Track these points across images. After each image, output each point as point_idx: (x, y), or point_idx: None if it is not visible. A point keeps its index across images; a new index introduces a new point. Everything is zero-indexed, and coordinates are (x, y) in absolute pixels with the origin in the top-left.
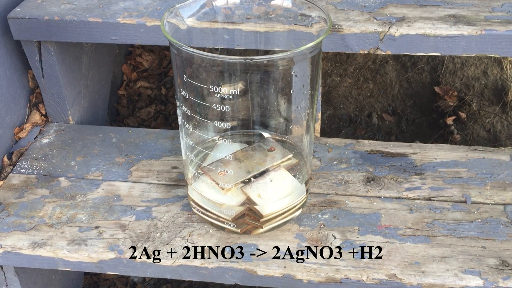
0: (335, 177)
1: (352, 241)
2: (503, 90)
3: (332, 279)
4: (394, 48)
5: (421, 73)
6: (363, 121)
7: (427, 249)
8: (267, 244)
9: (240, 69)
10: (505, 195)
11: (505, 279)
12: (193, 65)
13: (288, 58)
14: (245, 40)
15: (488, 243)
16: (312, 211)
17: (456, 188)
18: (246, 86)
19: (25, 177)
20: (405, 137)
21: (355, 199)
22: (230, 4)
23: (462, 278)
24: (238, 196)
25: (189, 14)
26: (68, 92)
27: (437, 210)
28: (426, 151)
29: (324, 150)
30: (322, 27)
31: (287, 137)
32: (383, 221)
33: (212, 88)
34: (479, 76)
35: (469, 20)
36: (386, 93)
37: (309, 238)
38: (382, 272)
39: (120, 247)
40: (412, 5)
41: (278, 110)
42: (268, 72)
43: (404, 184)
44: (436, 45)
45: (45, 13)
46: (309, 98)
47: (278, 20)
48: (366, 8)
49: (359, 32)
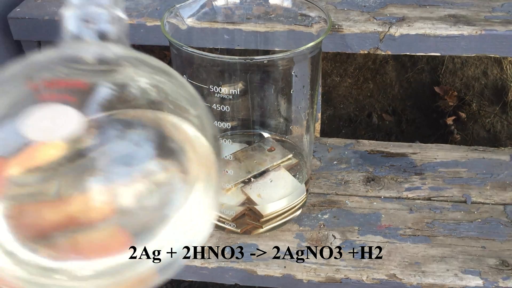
0: (335, 177)
1: (352, 241)
2: (503, 90)
3: (332, 279)
4: (394, 48)
5: (421, 73)
6: (363, 121)
7: (427, 249)
8: (267, 244)
9: (240, 69)
10: (505, 195)
11: (505, 279)
12: (193, 65)
13: (288, 58)
14: (245, 40)
15: (488, 243)
16: (312, 211)
17: (456, 188)
18: (246, 86)
19: None
20: (405, 137)
21: (355, 199)
22: (230, 4)
23: (462, 278)
24: (238, 196)
25: (189, 14)
26: None
27: (437, 210)
28: (426, 151)
29: (324, 150)
30: (322, 27)
31: (287, 137)
32: (383, 221)
33: (212, 88)
34: (479, 76)
35: (469, 20)
36: (386, 93)
37: (309, 238)
38: (382, 272)
39: None
40: (412, 5)
41: (278, 110)
42: (268, 72)
43: (404, 184)
44: (436, 45)
45: (45, 13)
46: (309, 98)
47: (278, 20)
48: (366, 8)
49: (359, 32)
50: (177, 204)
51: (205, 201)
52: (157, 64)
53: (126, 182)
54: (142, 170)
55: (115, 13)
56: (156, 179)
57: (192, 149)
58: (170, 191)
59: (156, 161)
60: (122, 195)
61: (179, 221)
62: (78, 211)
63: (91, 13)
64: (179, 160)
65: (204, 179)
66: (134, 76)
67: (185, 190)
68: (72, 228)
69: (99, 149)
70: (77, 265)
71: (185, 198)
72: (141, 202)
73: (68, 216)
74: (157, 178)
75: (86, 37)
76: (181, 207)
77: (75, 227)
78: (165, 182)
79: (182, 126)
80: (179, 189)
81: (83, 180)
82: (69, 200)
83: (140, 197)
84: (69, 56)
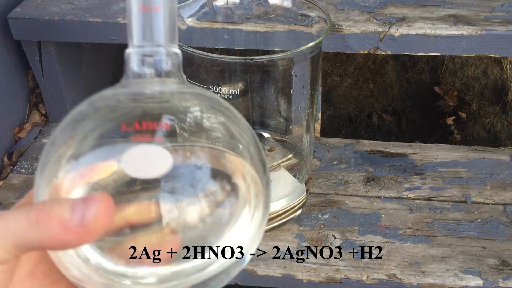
0: (335, 177)
1: (352, 241)
2: (503, 90)
3: (332, 279)
4: (394, 48)
5: (421, 73)
6: (363, 121)
7: (427, 249)
8: (267, 244)
9: (240, 69)
10: (505, 195)
11: (505, 279)
12: (193, 65)
13: (288, 58)
14: (245, 40)
15: (488, 243)
16: (312, 211)
17: (456, 188)
18: (246, 86)
19: (25, 177)
20: (405, 137)
21: (355, 199)
22: (230, 4)
23: (462, 278)
24: None
25: (189, 14)
26: (68, 92)
27: (437, 210)
28: (426, 151)
29: (324, 150)
30: (322, 27)
31: (287, 137)
32: (383, 221)
33: (212, 88)
34: (479, 76)
35: (469, 20)
36: (386, 93)
37: (309, 238)
38: (382, 272)
39: None
40: (412, 5)
41: (278, 110)
42: (268, 72)
43: (404, 184)
44: (436, 45)
45: (45, 13)
46: (309, 98)
47: (278, 20)
48: (366, 8)
49: (359, 32)
50: (230, 221)
51: (255, 218)
52: (213, 97)
53: (191, 201)
54: (203, 191)
55: (172, 50)
56: (214, 199)
57: (243, 177)
58: (225, 210)
59: (213, 183)
60: (188, 212)
61: (232, 236)
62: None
63: (151, 51)
64: (232, 185)
65: (253, 202)
66: (191, 109)
67: (237, 209)
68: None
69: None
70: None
71: (237, 217)
72: (202, 218)
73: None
74: (215, 198)
75: (147, 75)
76: (234, 224)
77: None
78: (222, 202)
79: (231, 157)
80: (231, 208)
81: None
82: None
83: (201, 214)
84: (135, 93)
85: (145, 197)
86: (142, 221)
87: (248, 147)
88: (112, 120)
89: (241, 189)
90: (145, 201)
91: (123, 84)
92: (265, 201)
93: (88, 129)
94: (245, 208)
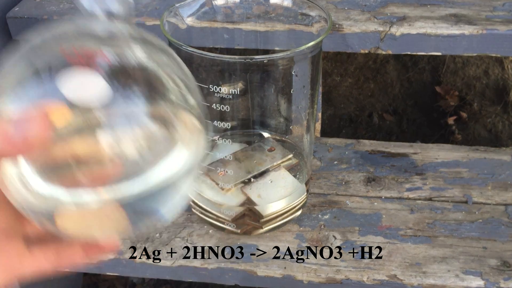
0: (335, 177)
1: (353, 242)
2: (505, 89)
3: (333, 280)
4: (395, 48)
5: (422, 73)
6: (364, 121)
7: (428, 249)
8: (267, 244)
9: (240, 69)
10: (506, 195)
11: (506, 280)
12: (192, 65)
13: (288, 57)
14: (245, 39)
15: (489, 243)
16: (312, 211)
17: (457, 188)
18: (246, 86)
19: None
20: (406, 137)
21: (355, 199)
22: (230, 3)
23: (463, 278)
24: (238, 197)
25: (189, 13)
26: None
27: (438, 211)
28: (427, 151)
29: (324, 150)
30: (322, 27)
31: (287, 137)
32: (383, 222)
33: (212, 87)
34: (480, 75)
35: (470, 19)
36: (386, 92)
37: (309, 238)
38: (382, 272)
39: (120, 247)
40: (413, 4)
41: (278, 110)
42: (268, 71)
43: (405, 184)
44: (437, 44)
45: (44, 13)
46: (309, 98)
47: (278, 20)
48: (366, 7)
49: (360, 31)
50: (161, 153)
51: (186, 156)
52: (157, 42)
53: (126, 132)
54: (139, 122)
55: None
56: (147, 132)
57: (180, 116)
58: (157, 143)
59: (148, 117)
60: (123, 141)
61: (162, 167)
62: (86, 151)
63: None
64: (167, 119)
65: (187, 140)
66: (135, 50)
67: (170, 143)
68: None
69: (107, 108)
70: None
71: (168, 150)
72: (135, 148)
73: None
74: (148, 131)
75: (97, 14)
76: (164, 157)
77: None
78: (154, 135)
79: (172, 96)
80: (164, 142)
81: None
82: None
83: (134, 144)
84: (83, 30)
85: (85, 128)
86: (83, 151)
87: (186, 90)
88: (56, 49)
89: (177, 125)
90: (85, 132)
91: (73, 20)
92: (197, 141)
93: (35, 59)
94: (178, 143)
